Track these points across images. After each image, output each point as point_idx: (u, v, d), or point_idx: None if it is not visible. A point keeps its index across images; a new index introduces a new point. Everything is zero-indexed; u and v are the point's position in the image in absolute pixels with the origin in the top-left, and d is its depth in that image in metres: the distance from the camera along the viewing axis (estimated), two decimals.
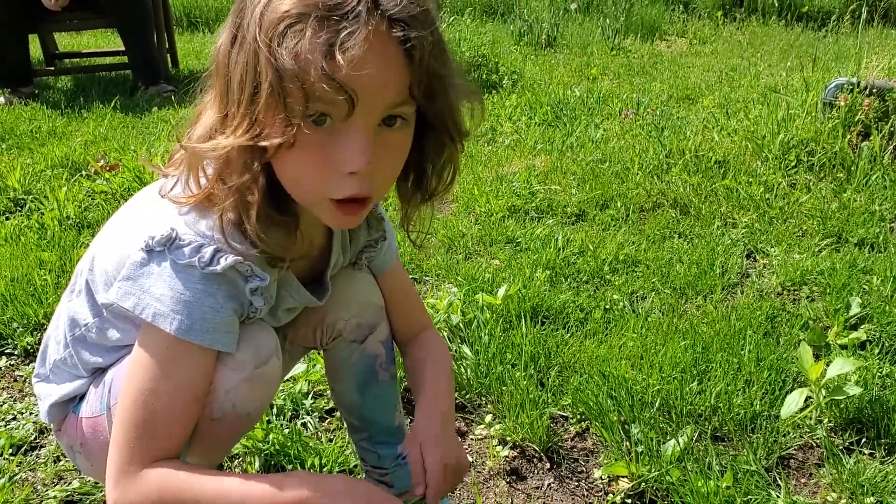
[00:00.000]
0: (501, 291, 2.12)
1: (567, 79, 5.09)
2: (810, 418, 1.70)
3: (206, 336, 1.05)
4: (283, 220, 1.06)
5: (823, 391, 1.69)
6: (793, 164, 3.11)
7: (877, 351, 1.93)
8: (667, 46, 6.41)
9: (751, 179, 3.03)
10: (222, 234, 1.03)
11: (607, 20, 6.84)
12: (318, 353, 1.76)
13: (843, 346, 1.96)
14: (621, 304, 2.20)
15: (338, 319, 1.33)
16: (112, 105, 4.49)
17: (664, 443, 1.63)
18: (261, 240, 1.04)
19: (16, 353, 2.12)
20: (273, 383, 1.17)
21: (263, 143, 0.96)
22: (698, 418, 1.72)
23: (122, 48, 5.28)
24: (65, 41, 6.84)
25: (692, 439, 1.64)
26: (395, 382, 1.43)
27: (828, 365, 1.70)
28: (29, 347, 2.11)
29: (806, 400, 1.67)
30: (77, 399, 1.27)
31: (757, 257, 2.52)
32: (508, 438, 1.70)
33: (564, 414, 1.77)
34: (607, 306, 2.18)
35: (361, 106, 0.94)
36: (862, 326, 2.03)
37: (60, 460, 1.68)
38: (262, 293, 1.10)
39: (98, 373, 1.24)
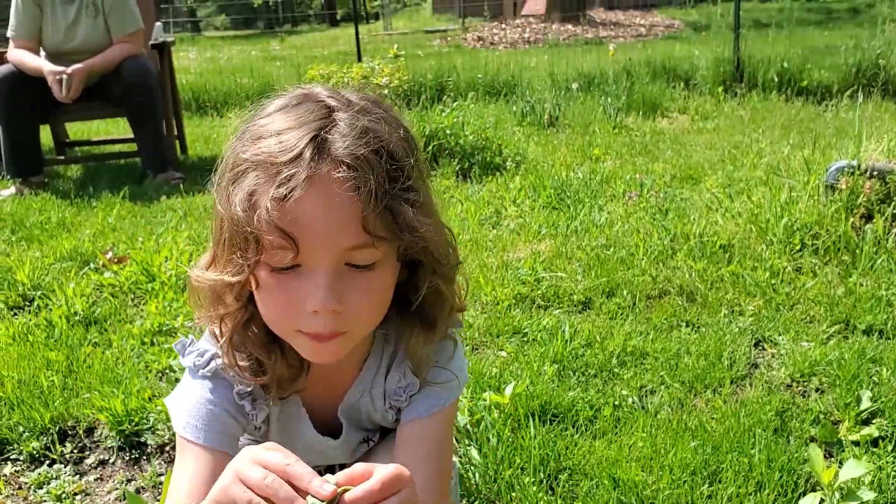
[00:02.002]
0: (509, 390, 2.11)
1: (570, 159, 5.15)
2: None
3: (200, 434, 1.12)
4: (267, 348, 1.12)
5: (837, 494, 1.66)
6: (797, 247, 3.12)
7: (890, 447, 1.90)
8: (669, 123, 6.50)
9: (756, 264, 3.03)
10: (227, 356, 1.13)
11: (609, 98, 6.94)
12: None
13: (856, 443, 1.93)
14: (630, 399, 2.18)
15: None
16: (121, 194, 4.55)
17: None
18: (238, 366, 1.13)
19: (21, 458, 2.11)
20: None
21: (230, 280, 1.04)
22: None
23: (132, 135, 5.38)
24: (74, 128, 6.97)
25: None
26: None
27: (840, 466, 1.68)
28: (35, 453, 2.10)
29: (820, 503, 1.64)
30: None
31: (765, 346, 2.51)
32: None
33: None
34: (616, 402, 2.16)
35: (316, 249, 0.98)
36: (874, 421, 2.01)
37: None
38: (252, 399, 1.16)
39: None
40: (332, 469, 1.36)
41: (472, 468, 1.86)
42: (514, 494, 1.79)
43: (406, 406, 1.23)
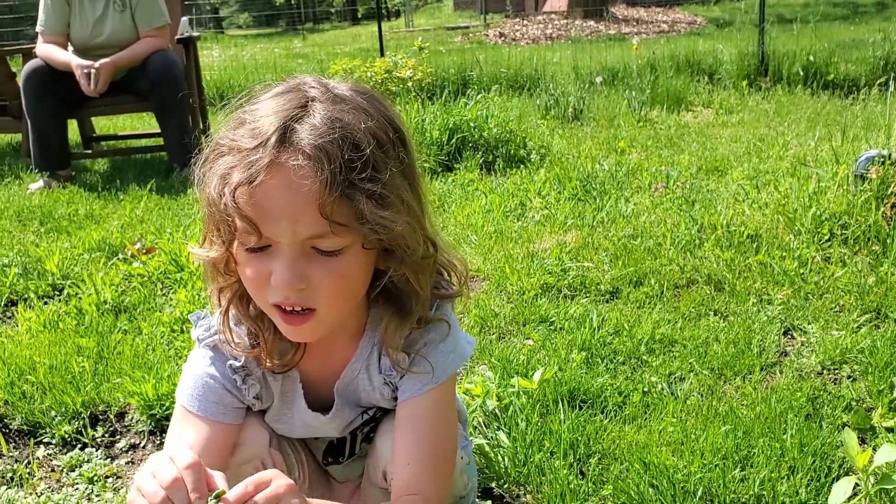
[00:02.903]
0: (537, 375, 2.10)
1: (595, 152, 5.13)
2: None
3: (195, 403, 1.21)
4: (259, 321, 1.20)
5: (872, 479, 1.65)
6: (826, 237, 3.09)
7: None
8: (693, 117, 6.46)
9: (784, 254, 3.01)
10: (223, 326, 1.22)
11: (633, 92, 6.91)
12: None
13: (890, 430, 1.91)
14: (659, 386, 2.17)
15: (388, 470, 1.31)
16: (148, 187, 4.59)
17: None
18: (233, 336, 1.21)
19: (53, 441, 2.13)
20: None
21: (213, 256, 1.13)
22: None
23: (158, 130, 5.42)
24: (101, 123, 7.03)
25: None
26: None
27: (874, 451, 1.66)
28: (67, 436, 2.13)
29: (854, 488, 1.62)
30: None
31: (794, 335, 2.49)
32: None
33: None
34: (645, 389, 2.15)
35: (278, 233, 1.05)
36: None
37: None
38: (245, 374, 1.23)
39: None
40: (333, 446, 1.38)
41: (501, 451, 1.86)
42: (543, 478, 1.78)
43: (401, 382, 1.26)
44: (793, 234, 3.17)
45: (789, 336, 2.50)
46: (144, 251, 3.39)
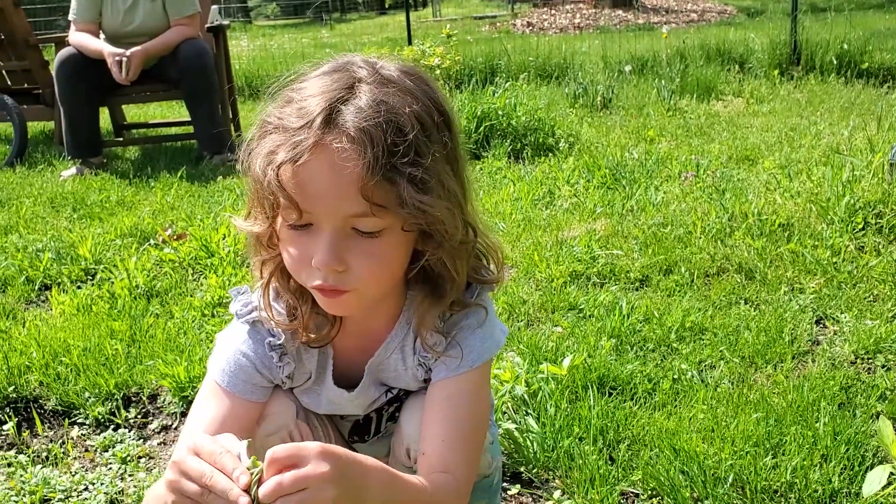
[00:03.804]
0: (566, 362, 2.10)
1: (624, 140, 5.10)
2: (895, 496, 1.64)
3: (225, 377, 1.23)
4: (299, 294, 1.21)
5: None
6: (860, 226, 3.05)
7: None
8: (723, 106, 6.39)
9: (817, 243, 2.97)
10: (263, 298, 1.22)
11: (662, 81, 6.85)
12: None
13: None
14: (689, 373, 2.16)
15: (411, 448, 1.31)
16: (179, 174, 4.63)
17: None
18: (272, 308, 1.22)
19: (87, 422, 2.16)
20: None
21: (256, 231, 1.15)
22: (774, 494, 1.67)
23: (188, 118, 5.46)
24: (131, 112, 7.10)
25: None
26: None
27: None
28: (100, 417, 2.15)
29: (889, 477, 1.61)
30: None
31: (827, 324, 2.46)
32: None
33: (635, 490, 1.73)
34: (675, 376, 2.14)
35: (318, 212, 1.06)
36: None
37: None
38: (281, 353, 1.24)
39: None
40: (359, 424, 1.38)
41: (530, 436, 1.86)
42: (572, 463, 1.78)
43: (435, 364, 1.26)
44: (825, 222, 3.14)
45: (821, 325, 2.47)
46: (175, 237, 3.42)
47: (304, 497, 0.90)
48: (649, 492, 1.71)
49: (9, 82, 6.07)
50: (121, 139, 5.94)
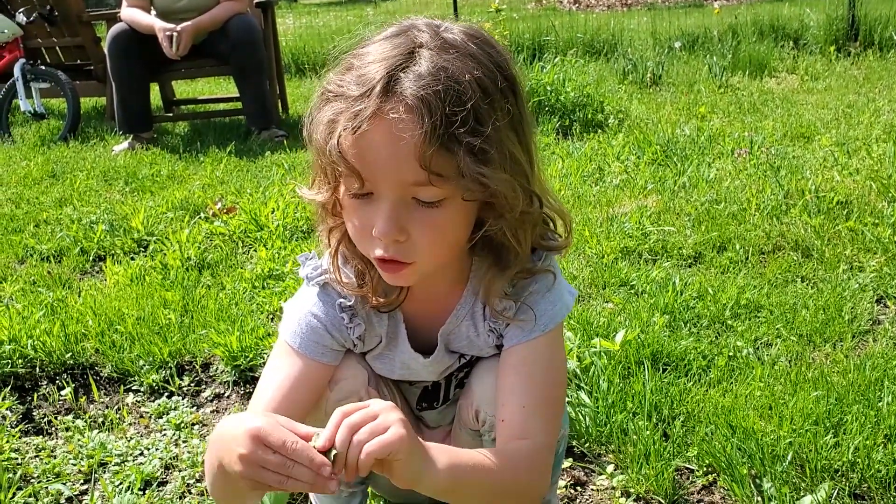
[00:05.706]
0: (619, 337, 2.07)
1: (675, 117, 5.01)
2: None
3: (297, 339, 1.23)
4: (360, 260, 1.21)
5: None
6: None
7: None
8: (777, 83, 6.25)
9: (877, 221, 2.89)
10: (332, 263, 1.23)
11: (714, 57, 6.71)
12: None
13: None
14: (745, 351, 2.12)
15: (481, 410, 1.31)
16: (227, 149, 4.66)
17: (799, 499, 1.55)
18: (342, 273, 1.23)
19: (142, 389, 2.19)
20: None
21: (320, 200, 1.16)
22: (835, 474, 1.63)
23: (236, 94, 5.49)
24: (180, 88, 7.16)
25: (830, 497, 1.55)
26: None
27: None
28: (154, 385, 2.18)
29: None
30: None
31: (888, 303, 2.40)
32: (632, 490, 1.65)
33: (690, 466, 1.71)
34: (731, 353, 2.10)
35: (379, 181, 1.06)
36: None
37: (186, 496, 1.72)
38: (352, 314, 1.24)
39: None
40: (427, 391, 1.38)
41: (583, 411, 1.84)
42: (626, 438, 1.76)
43: (506, 330, 1.25)
44: (886, 200, 3.05)
45: (882, 304, 2.41)
46: (225, 211, 3.45)
47: (375, 427, 0.95)
48: (705, 468, 1.68)
49: (62, 58, 6.16)
50: (170, 115, 6.00)
